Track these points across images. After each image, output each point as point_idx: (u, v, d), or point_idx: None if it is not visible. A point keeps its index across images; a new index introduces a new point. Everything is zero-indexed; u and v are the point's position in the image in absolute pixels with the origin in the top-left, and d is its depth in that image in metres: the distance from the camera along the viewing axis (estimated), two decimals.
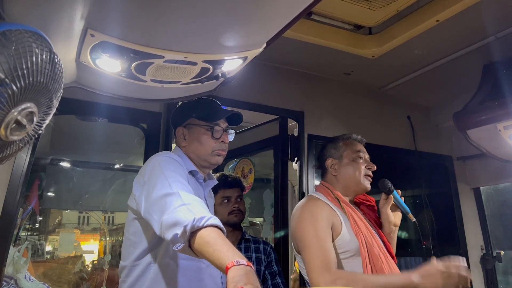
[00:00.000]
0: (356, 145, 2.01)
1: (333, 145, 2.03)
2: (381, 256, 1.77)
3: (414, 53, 2.35)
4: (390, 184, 1.95)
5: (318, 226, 1.74)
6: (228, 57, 1.42)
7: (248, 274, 0.98)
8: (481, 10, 1.93)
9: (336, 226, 1.78)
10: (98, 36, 1.19)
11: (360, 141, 2.04)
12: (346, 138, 2.04)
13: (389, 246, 1.91)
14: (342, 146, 2.00)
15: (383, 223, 1.98)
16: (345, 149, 1.99)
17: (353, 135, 2.05)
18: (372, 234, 1.84)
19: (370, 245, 1.78)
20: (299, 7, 1.21)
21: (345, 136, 2.05)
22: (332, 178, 1.97)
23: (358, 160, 1.94)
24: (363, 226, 1.84)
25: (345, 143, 2.01)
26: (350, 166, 1.95)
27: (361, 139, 2.05)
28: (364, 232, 1.81)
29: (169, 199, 1.28)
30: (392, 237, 1.97)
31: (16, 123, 0.84)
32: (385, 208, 1.96)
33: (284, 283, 2.24)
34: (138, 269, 1.49)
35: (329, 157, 2.00)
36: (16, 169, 1.53)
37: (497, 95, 2.34)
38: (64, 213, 3.67)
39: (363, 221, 1.87)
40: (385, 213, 1.96)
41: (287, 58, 2.52)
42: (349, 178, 1.94)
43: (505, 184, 3.10)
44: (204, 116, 1.65)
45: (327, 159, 2.00)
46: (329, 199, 1.88)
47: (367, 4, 2.01)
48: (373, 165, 1.97)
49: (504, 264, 3.04)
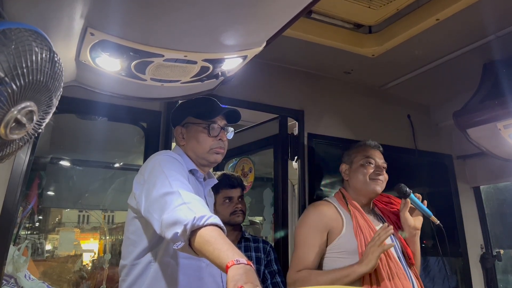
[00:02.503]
0: (367, 150, 2.05)
1: (347, 152, 2.14)
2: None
3: (414, 52, 2.35)
4: (406, 188, 1.96)
5: (307, 232, 1.93)
6: (228, 56, 1.42)
7: (248, 273, 0.98)
8: (481, 9, 1.92)
9: (336, 229, 1.91)
10: (98, 35, 1.19)
11: (374, 146, 2.08)
12: (360, 144, 2.12)
13: (407, 249, 1.95)
14: (354, 152, 2.08)
15: (403, 227, 1.99)
16: (356, 155, 2.06)
17: (368, 141, 2.11)
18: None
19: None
20: (299, 5, 1.21)
21: (360, 143, 2.13)
22: (346, 183, 2.07)
23: (367, 165, 1.97)
24: (366, 227, 1.86)
25: (358, 149, 2.09)
26: (358, 170, 2.01)
27: (376, 145, 2.10)
28: (366, 233, 1.83)
29: (169, 198, 1.28)
30: (414, 241, 1.98)
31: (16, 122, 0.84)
32: (403, 212, 1.98)
33: (283, 282, 2.24)
34: (138, 268, 1.49)
35: (342, 163, 2.11)
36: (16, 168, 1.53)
37: (497, 94, 2.33)
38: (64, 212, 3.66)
39: (369, 223, 1.90)
40: (403, 217, 1.98)
41: (287, 57, 2.52)
42: (357, 182, 2.00)
43: (505, 183, 3.10)
44: (201, 114, 1.65)
45: (341, 165, 2.11)
46: (340, 203, 2.00)
47: (367, 3, 2.01)
48: (382, 170, 2.00)
49: (504, 263, 3.04)
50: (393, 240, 1.95)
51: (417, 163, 2.93)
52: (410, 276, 1.85)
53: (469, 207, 3.05)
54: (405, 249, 1.94)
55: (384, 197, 2.13)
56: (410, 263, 1.92)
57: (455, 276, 2.95)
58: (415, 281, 1.86)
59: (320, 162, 2.58)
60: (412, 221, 1.96)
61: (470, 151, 2.92)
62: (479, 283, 2.91)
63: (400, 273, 1.80)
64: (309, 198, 2.43)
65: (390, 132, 2.91)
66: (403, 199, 1.99)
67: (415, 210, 1.98)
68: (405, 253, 1.94)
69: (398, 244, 1.95)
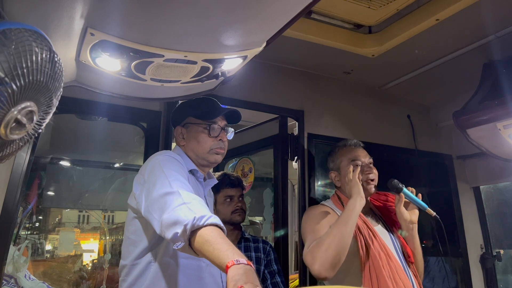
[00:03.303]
0: (351, 152, 2.04)
1: (331, 158, 2.13)
2: (381, 255, 1.79)
3: (414, 52, 2.35)
4: (398, 183, 1.96)
5: (314, 221, 1.93)
6: (228, 56, 1.42)
7: (248, 273, 0.98)
8: (481, 9, 1.92)
9: None
10: (98, 35, 1.19)
11: (355, 146, 2.07)
12: (341, 146, 2.11)
13: (406, 248, 1.95)
14: (339, 157, 2.08)
15: (399, 221, 2.00)
16: (341, 160, 2.07)
17: (348, 141, 2.09)
18: (375, 234, 1.87)
19: (369, 245, 1.83)
20: (299, 6, 1.21)
21: (340, 144, 2.12)
22: (340, 188, 2.08)
23: (355, 168, 1.96)
24: (365, 228, 1.87)
25: (341, 153, 2.08)
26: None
27: (357, 143, 2.09)
28: (365, 234, 1.84)
29: (169, 198, 1.28)
30: (412, 235, 1.98)
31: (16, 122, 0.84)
32: (398, 207, 1.98)
33: (283, 282, 2.25)
34: (138, 268, 1.49)
35: (330, 170, 2.12)
36: (16, 168, 1.53)
37: (497, 94, 2.33)
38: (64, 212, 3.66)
39: (367, 223, 1.91)
40: (399, 212, 1.98)
41: (287, 57, 2.52)
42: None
43: (505, 183, 3.09)
44: (201, 114, 1.65)
45: (329, 173, 2.12)
46: (336, 206, 2.01)
47: (367, 3, 2.01)
48: (371, 169, 1.99)
49: (504, 263, 3.04)
50: (393, 239, 1.96)
51: (417, 163, 2.93)
52: (410, 275, 1.86)
53: (469, 207, 3.05)
54: (405, 248, 1.95)
55: (382, 195, 2.12)
56: (409, 262, 1.92)
57: (455, 276, 2.95)
58: (414, 280, 1.87)
59: (320, 162, 2.58)
60: (408, 215, 1.96)
61: (470, 151, 2.92)
62: (479, 283, 2.91)
63: (400, 271, 1.81)
64: (309, 198, 2.43)
65: (390, 132, 2.91)
66: (397, 194, 1.99)
67: (410, 204, 1.99)
68: (404, 252, 1.94)
69: (398, 243, 1.96)
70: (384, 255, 1.81)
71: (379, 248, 1.83)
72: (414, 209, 1.99)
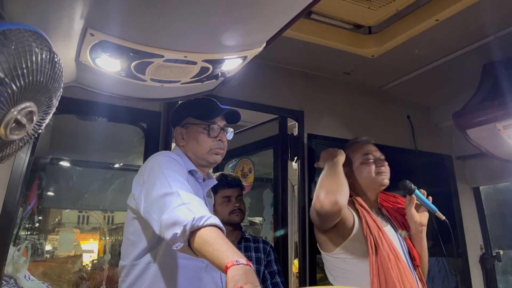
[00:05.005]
0: (363, 147, 2.04)
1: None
2: (390, 257, 1.78)
3: (413, 52, 2.35)
4: (410, 184, 1.96)
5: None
6: (228, 57, 1.42)
7: (247, 273, 0.98)
8: (481, 10, 1.92)
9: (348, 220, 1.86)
10: (98, 35, 1.19)
11: (366, 141, 2.08)
12: (353, 143, 2.11)
13: (413, 251, 1.94)
14: (351, 153, 2.06)
15: (409, 223, 1.99)
16: (353, 155, 2.06)
17: (359, 139, 2.09)
18: (384, 235, 1.85)
19: (378, 246, 1.81)
20: (298, 6, 1.21)
21: (351, 142, 2.12)
22: (351, 185, 2.02)
23: (367, 162, 1.96)
24: (375, 228, 1.85)
25: (352, 148, 2.08)
26: (361, 169, 2.00)
27: (367, 139, 2.10)
28: (374, 233, 1.82)
29: (168, 199, 1.28)
30: (420, 237, 1.97)
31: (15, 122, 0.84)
32: (409, 208, 1.97)
33: (283, 282, 2.24)
34: (137, 269, 1.49)
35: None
36: (16, 169, 1.52)
37: (496, 94, 2.33)
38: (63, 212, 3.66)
39: (377, 223, 1.89)
40: (409, 214, 1.97)
41: (287, 58, 2.52)
42: (363, 181, 2.00)
43: (504, 184, 3.09)
44: (200, 114, 1.65)
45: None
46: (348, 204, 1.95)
47: (367, 3, 2.01)
48: (382, 161, 2.00)
49: (504, 264, 3.04)
50: (400, 241, 1.94)
51: (417, 163, 2.93)
52: (416, 278, 1.85)
53: (468, 208, 3.05)
54: (411, 250, 1.94)
55: (391, 197, 2.12)
56: (415, 265, 1.92)
57: (455, 276, 2.95)
58: (419, 283, 1.86)
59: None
60: (418, 217, 1.95)
61: (470, 151, 2.92)
62: (478, 284, 2.91)
63: (408, 274, 1.79)
64: (309, 199, 2.43)
65: (390, 132, 2.91)
66: (408, 196, 1.98)
67: (420, 207, 1.98)
68: (411, 254, 1.93)
69: (405, 245, 1.94)
70: (393, 256, 1.79)
71: (388, 249, 1.81)
72: (424, 212, 1.98)
